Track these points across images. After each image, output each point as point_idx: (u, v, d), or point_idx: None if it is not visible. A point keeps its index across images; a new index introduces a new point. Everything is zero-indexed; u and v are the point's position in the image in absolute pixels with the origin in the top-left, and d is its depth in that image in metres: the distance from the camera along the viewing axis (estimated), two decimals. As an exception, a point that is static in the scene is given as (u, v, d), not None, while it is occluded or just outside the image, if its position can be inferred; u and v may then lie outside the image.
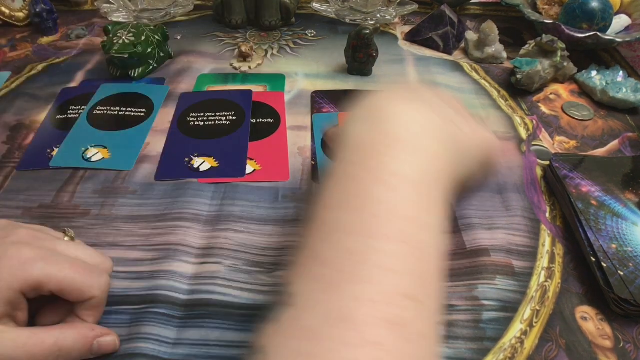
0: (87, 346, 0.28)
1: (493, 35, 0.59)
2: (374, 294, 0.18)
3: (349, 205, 0.21)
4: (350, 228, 0.20)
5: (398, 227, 0.20)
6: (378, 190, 0.21)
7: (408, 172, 0.22)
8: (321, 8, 0.67)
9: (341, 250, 0.20)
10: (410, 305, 0.19)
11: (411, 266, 0.20)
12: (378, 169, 0.22)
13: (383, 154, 0.23)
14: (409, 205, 0.21)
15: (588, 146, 0.48)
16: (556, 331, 0.32)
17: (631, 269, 0.33)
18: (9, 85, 0.54)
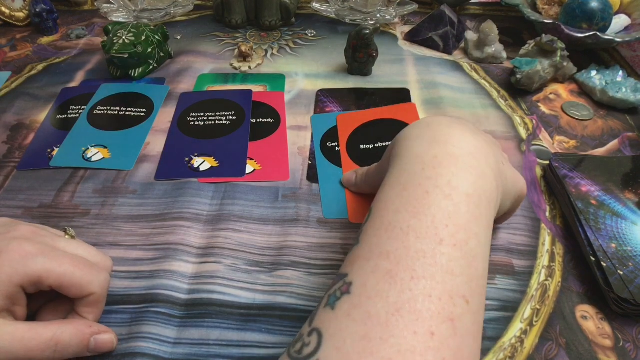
0: (84, 342, 0.28)
1: (493, 35, 0.59)
2: (433, 290, 0.21)
3: (414, 210, 0.23)
4: (420, 231, 0.23)
5: (456, 234, 0.23)
6: (437, 198, 0.24)
7: (462, 185, 0.24)
8: (321, 8, 0.67)
9: (410, 249, 0.22)
10: (461, 304, 0.21)
11: (464, 270, 0.22)
12: (437, 180, 0.25)
13: (440, 167, 0.25)
14: (465, 215, 0.24)
15: (588, 146, 0.48)
16: (556, 330, 0.32)
17: (631, 269, 0.33)
18: (9, 85, 0.54)
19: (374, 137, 0.47)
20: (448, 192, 0.24)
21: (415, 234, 0.22)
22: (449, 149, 0.26)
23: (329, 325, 0.21)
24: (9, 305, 0.27)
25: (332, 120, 0.49)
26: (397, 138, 0.30)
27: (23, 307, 0.28)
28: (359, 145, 0.46)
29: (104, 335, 0.29)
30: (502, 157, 0.31)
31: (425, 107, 0.52)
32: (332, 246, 0.37)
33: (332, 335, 0.20)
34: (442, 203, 0.23)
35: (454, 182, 0.24)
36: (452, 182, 0.24)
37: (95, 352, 0.29)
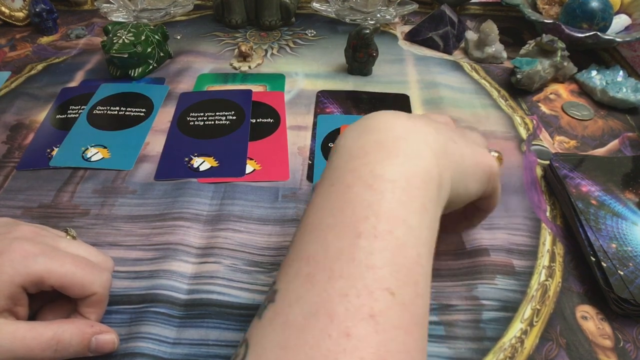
0: (84, 342, 0.28)
1: (493, 35, 0.59)
2: (350, 289, 0.19)
3: (335, 207, 0.22)
4: (338, 229, 0.21)
5: (377, 225, 0.21)
6: (360, 190, 0.22)
7: (387, 171, 0.23)
8: (321, 8, 0.67)
9: (329, 249, 0.21)
10: (384, 297, 0.19)
11: (388, 261, 0.20)
12: (360, 170, 0.23)
13: (365, 157, 0.24)
14: (389, 203, 0.22)
15: (588, 146, 0.48)
16: (556, 330, 0.32)
17: (631, 269, 0.33)
18: (9, 85, 0.54)
19: None
20: (370, 181, 0.22)
21: (334, 232, 0.21)
22: (376, 136, 0.25)
23: (255, 334, 0.20)
24: (10, 305, 0.26)
25: (337, 123, 0.49)
26: None
27: (24, 307, 0.28)
28: None
29: (105, 335, 0.29)
30: (457, 135, 0.28)
31: (426, 107, 0.52)
32: (332, 246, 0.37)
33: (255, 345, 0.20)
34: (364, 194, 0.22)
35: (378, 169, 0.23)
36: (375, 170, 0.23)
37: (96, 352, 0.28)
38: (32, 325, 0.27)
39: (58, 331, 0.27)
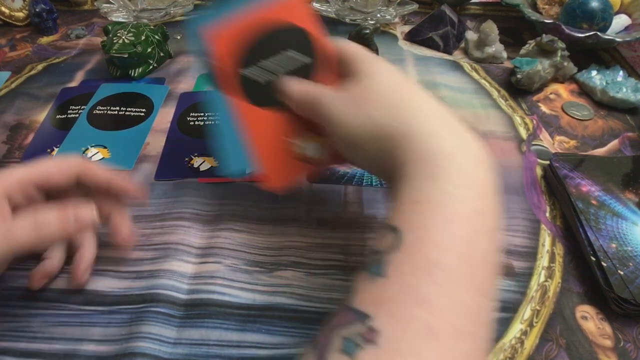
0: (63, 217, 0.27)
1: (493, 35, 0.59)
2: (474, 351, 0.18)
3: (462, 251, 0.20)
4: (466, 279, 0.19)
5: (493, 283, 0.21)
6: (483, 240, 0.21)
7: (499, 222, 0.23)
8: (321, 8, 0.67)
9: (457, 302, 0.19)
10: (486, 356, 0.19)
11: (490, 321, 0.20)
12: (485, 218, 0.22)
13: (488, 199, 0.23)
14: (495, 259, 0.22)
15: (588, 146, 0.48)
16: (556, 331, 0.32)
17: (631, 269, 0.33)
18: (9, 85, 0.54)
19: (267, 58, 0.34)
20: (491, 234, 0.21)
21: (462, 281, 0.19)
22: (488, 170, 0.23)
23: None
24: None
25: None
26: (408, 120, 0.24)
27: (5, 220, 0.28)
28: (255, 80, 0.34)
29: (83, 209, 0.28)
30: None
31: (426, 107, 0.52)
32: (332, 246, 0.37)
33: None
34: (487, 247, 0.21)
35: (494, 219, 0.22)
36: (494, 220, 0.22)
37: (77, 224, 0.28)
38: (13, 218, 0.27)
39: (36, 214, 0.27)
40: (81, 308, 0.32)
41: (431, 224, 0.20)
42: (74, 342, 0.30)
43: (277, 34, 0.33)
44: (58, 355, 0.30)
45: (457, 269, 0.19)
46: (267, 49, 0.33)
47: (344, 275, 0.35)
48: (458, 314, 0.18)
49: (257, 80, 0.33)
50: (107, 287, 0.33)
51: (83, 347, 0.30)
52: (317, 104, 0.28)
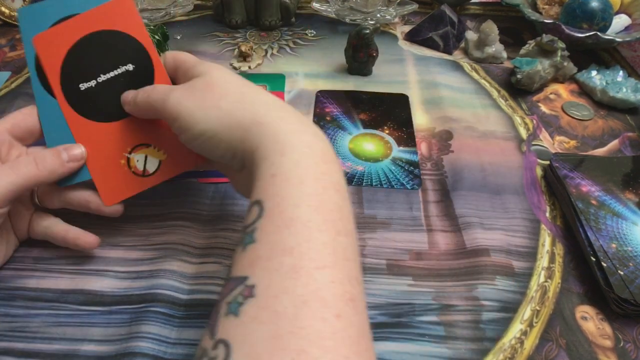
0: (56, 154, 0.32)
1: (493, 35, 0.59)
2: (334, 277, 0.21)
3: (314, 204, 0.24)
4: (320, 225, 0.23)
5: (347, 225, 0.24)
6: (330, 193, 0.25)
7: (342, 179, 0.27)
8: (321, 8, 0.67)
9: (314, 242, 0.22)
10: (356, 284, 0.22)
11: (355, 255, 0.24)
12: (330, 175, 0.26)
13: (329, 163, 0.26)
14: (348, 207, 0.25)
15: (588, 146, 0.48)
16: (556, 331, 0.32)
17: (631, 269, 0.33)
18: (9, 85, 0.54)
19: (93, 67, 0.34)
20: (338, 187, 0.25)
21: (317, 227, 0.23)
22: (327, 143, 0.28)
23: (236, 332, 0.20)
24: None
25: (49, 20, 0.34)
26: (256, 110, 0.28)
27: None
28: (79, 86, 0.33)
29: (73, 147, 0.33)
30: None
31: (426, 106, 0.52)
32: (332, 246, 0.37)
33: (241, 343, 0.19)
34: (335, 197, 0.25)
35: (338, 177, 0.26)
36: (339, 179, 0.26)
37: (69, 160, 0.32)
38: None
39: (32, 152, 0.32)
40: (81, 308, 0.32)
41: (286, 189, 0.24)
42: (73, 342, 0.30)
43: (110, 43, 0.34)
44: (58, 355, 0.30)
45: (312, 218, 0.23)
46: (102, 62, 0.34)
47: (344, 275, 0.35)
48: (317, 251, 0.22)
49: (93, 95, 0.34)
50: (107, 287, 0.34)
51: (83, 347, 0.30)
52: (164, 103, 0.30)
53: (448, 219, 0.39)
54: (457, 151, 0.46)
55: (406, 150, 0.46)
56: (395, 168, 0.44)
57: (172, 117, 0.29)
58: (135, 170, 0.34)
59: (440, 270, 0.35)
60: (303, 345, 0.19)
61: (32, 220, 0.35)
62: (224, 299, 0.22)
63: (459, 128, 0.49)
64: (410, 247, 0.37)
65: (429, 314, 0.33)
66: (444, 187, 0.42)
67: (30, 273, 0.34)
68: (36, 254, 0.35)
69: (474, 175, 0.43)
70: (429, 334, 0.31)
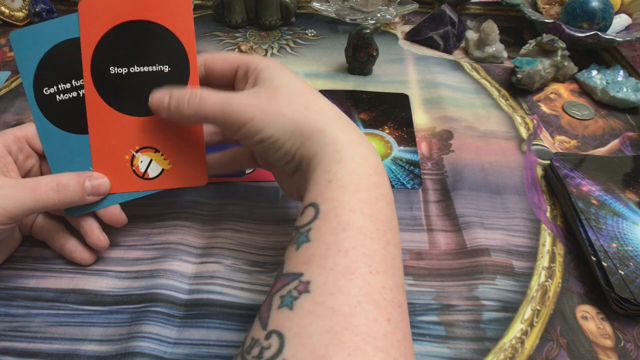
0: (80, 181, 0.31)
1: (493, 35, 0.59)
2: (386, 282, 0.23)
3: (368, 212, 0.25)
4: (374, 234, 0.24)
5: (396, 236, 0.26)
6: (382, 204, 0.26)
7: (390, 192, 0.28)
8: (321, 7, 0.67)
9: (368, 248, 0.23)
10: (402, 292, 0.24)
11: (401, 265, 0.25)
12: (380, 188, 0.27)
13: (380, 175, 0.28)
14: (395, 220, 0.27)
15: (588, 145, 0.48)
16: (557, 331, 0.32)
17: (632, 268, 0.33)
18: (9, 85, 0.54)
19: (130, 55, 0.33)
20: (388, 200, 0.27)
21: (370, 234, 0.24)
22: (379, 157, 0.29)
23: (290, 324, 0.21)
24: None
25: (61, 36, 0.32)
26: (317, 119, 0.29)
27: (16, 173, 0.32)
28: (109, 68, 0.32)
29: (97, 178, 0.33)
30: None
31: (426, 106, 0.52)
32: (332, 246, 0.37)
33: (295, 334, 0.20)
34: (386, 209, 0.26)
35: (388, 189, 0.27)
36: (388, 190, 0.27)
37: (92, 193, 0.32)
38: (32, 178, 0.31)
39: (55, 176, 0.31)
40: (81, 308, 0.32)
41: (342, 195, 0.25)
42: (74, 342, 0.30)
43: (154, 38, 0.32)
44: (58, 355, 0.30)
45: (366, 225, 0.24)
46: (141, 53, 0.32)
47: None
48: (370, 257, 0.23)
49: (120, 82, 0.33)
50: (107, 287, 0.33)
51: (83, 347, 0.30)
52: (226, 109, 0.30)
53: (448, 218, 0.39)
54: (457, 151, 0.46)
55: (406, 150, 0.46)
56: (396, 168, 0.44)
57: (239, 122, 0.29)
58: (136, 170, 0.34)
59: (440, 270, 0.35)
60: (358, 343, 0.20)
61: (37, 221, 0.35)
62: (277, 292, 0.23)
63: (459, 128, 0.49)
64: (411, 246, 0.37)
65: (430, 313, 0.33)
66: (444, 187, 0.42)
67: (30, 273, 0.34)
68: (36, 254, 0.35)
69: (475, 175, 0.43)
70: (430, 333, 0.31)
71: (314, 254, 0.23)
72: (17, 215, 0.29)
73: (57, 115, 0.33)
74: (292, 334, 0.21)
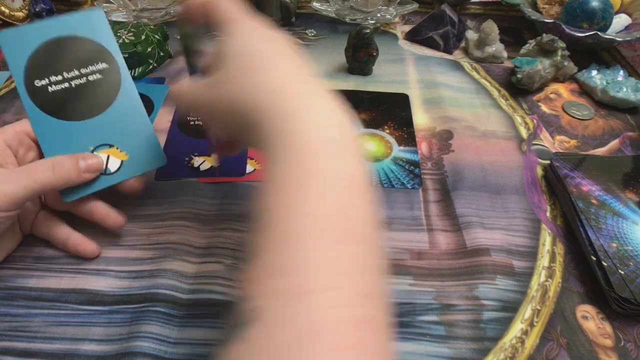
0: (74, 160, 0.32)
1: (493, 35, 0.59)
2: (343, 299, 0.19)
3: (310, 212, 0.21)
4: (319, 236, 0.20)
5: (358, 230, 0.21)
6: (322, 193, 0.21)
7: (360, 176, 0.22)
8: (321, 7, 0.67)
9: (301, 259, 0.19)
10: (375, 301, 0.20)
11: (372, 266, 0.21)
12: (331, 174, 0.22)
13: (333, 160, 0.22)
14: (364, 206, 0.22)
15: (588, 145, 0.48)
16: (557, 330, 0.32)
17: (632, 268, 0.33)
18: (9, 85, 0.54)
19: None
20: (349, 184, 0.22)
21: (323, 240, 0.20)
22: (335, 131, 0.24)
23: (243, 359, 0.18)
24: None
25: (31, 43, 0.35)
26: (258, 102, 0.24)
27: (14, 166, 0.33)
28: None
29: (90, 157, 0.33)
30: None
31: (426, 106, 0.52)
32: (332, 246, 0.37)
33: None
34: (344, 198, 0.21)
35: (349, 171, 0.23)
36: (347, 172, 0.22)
37: (87, 170, 0.33)
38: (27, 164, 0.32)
39: (49, 158, 0.32)
40: (81, 307, 0.32)
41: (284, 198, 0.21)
42: (74, 342, 0.30)
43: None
44: (58, 355, 0.30)
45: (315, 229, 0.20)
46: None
47: (345, 274, 0.35)
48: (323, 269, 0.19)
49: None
50: (108, 287, 0.33)
51: (83, 346, 0.30)
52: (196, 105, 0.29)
53: (448, 218, 0.39)
54: (457, 151, 0.46)
55: (407, 150, 0.46)
56: (396, 167, 0.44)
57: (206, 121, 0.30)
58: None
59: (440, 270, 0.35)
60: None
61: (37, 218, 0.35)
62: (235, 319, 0.20)
63: (459, 128, 0.49)
64: (411, 246, 0.37)
65: (430, 313, 0.33)
66: (444, 187, 0.42)
67: (30, 272, 0.34)
68: (36, 254, 0.35)
69: (475, 175, 0.43)
70: (430, 333, 0.31)
71: (260, 275, 0.20)
72: (18, 199, 0.30)
73: (49, 105, 0.34)
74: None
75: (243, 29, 0.28)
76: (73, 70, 0.35)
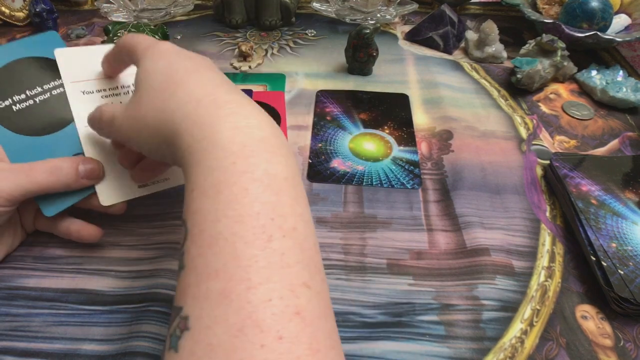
0: (74, 165, 0.32)
1: (493, 35, 0.59)
2: (272, 292, 0.19)
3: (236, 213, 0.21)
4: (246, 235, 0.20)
5: (284, 224, 0.21)
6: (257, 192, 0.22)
7: (279, 170, 0.23)
8: (321, 7, 0.67)
9: (242, 259, 0.20)
10: (303, 292, 0.20)
11: (299, 257, 0.21)
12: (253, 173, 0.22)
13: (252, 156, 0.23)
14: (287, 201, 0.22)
15: (588, 145, 0.48)
16: (556, 330, 0.32)
17: (631, 268, 0.33)
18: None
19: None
20: (267, 182, 0.22)
21: (243, 239, 0.20)
22: (255, 132, 0.23)
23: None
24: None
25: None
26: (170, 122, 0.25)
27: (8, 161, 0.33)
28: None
29: (90, 163, 0.33)
30: None
31: (426, 106, 0.52)
32: (332, 246, 0.37)
33: None
34: (263, 196, 0.21)
35: (271, 169, 0.22)
36: (269, 170, 0.22)
37: (86, 176, 0.32)
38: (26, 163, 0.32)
39: (49, 160, 0.32)
40: (82, 307, 0.32)
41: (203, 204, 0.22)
42: (74, 342, 0.30)
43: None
44: (58, 354, 0.30)
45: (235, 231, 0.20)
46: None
47: (345, 274, 0.35)
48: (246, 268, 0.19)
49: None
50: (108, 287, 0.34)
51: (84, 346, 0.30)
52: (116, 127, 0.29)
53: (448, 218, 0.39)
54: (457, 151, 0.46)
55: (406, 150, 0.46)
56: (396, 168, 0.44)
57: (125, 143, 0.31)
58: None
59: (440, 270, 0.35)
60: None
61: (38, 213, 0.35)
62: (169, 330, 0.20)
63: (459, 128, 0.49)
64: (411, 246, 0.37)
65: (430, 313, 0.33)
66: (444, 187, 0.42)
67: (30, 272, 0.34)
68: (37, 253, 0.35)
69: (474, 175, 0.43)
70: (430, 333, 0.31)
71: (188, 284, 0.20)
72: (14, 197, 0.30)
73: (16, 123, 0.35)
74: None
75: (161, 51, 0.28)
76: (36, 87, 0.35)
